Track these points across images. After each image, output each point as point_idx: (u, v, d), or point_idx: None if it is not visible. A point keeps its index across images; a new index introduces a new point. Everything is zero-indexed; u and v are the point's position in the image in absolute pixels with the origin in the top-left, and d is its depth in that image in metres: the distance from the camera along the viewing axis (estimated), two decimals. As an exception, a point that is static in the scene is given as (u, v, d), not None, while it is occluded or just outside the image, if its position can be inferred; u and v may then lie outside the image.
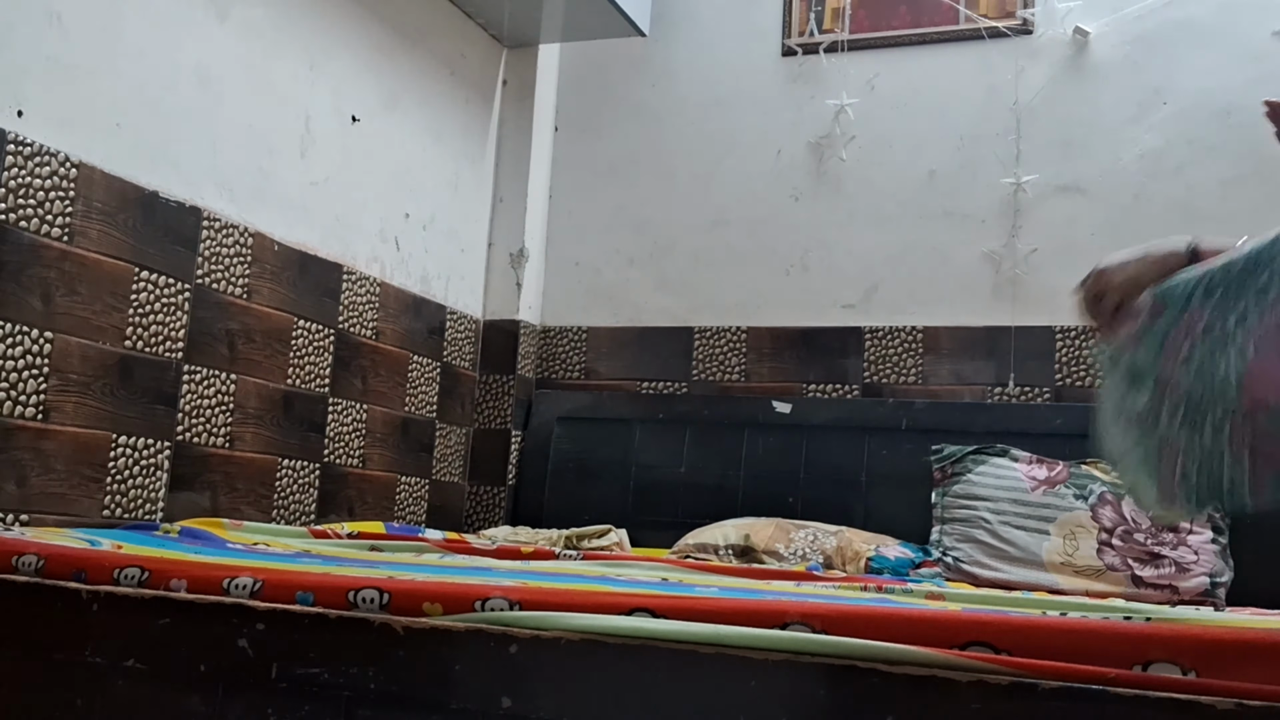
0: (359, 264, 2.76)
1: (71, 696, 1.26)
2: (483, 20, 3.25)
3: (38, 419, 1.92)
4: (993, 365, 2.96)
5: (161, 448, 2.17)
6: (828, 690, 1.01)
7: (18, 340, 1.89)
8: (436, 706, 1.13)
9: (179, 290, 2.21)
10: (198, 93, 2.27)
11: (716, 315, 3.26)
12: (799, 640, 1.04)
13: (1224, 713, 0.91)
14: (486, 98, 3.33)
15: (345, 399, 2.70)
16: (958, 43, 3.12)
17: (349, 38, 2.72)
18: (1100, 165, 2.97)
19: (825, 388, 3.09)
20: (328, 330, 2.64)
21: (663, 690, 1.06)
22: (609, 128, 3.46)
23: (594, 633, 1.09)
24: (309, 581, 1.25)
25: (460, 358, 3.20)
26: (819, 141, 3.22)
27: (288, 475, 2.51)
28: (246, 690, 1.20)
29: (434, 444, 3.07)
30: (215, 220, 2.31)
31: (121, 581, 1.30)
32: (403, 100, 2.93)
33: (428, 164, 3.05)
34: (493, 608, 1.15)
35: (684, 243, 3.32)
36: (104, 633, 1.26)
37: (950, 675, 0.98)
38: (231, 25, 2.35)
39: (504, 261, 3.33)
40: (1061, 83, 3.01)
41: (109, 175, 2.06)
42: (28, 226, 1.90)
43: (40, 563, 1.33)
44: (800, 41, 3.27)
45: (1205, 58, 2.90)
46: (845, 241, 3.16)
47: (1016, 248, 2.99)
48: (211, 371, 2.29)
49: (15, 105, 1.90)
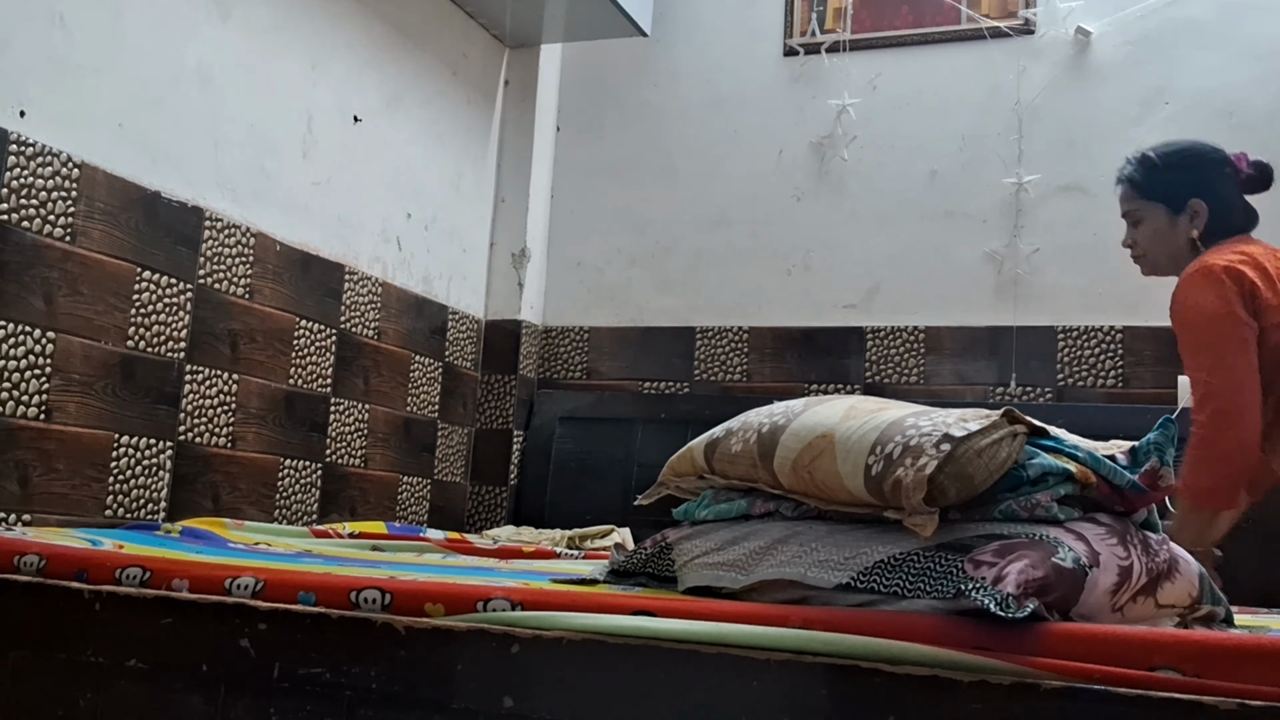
0: (361, 264, 2.76)
1: (73, 696, 1.26)
2: (485, 20, 3.25)
3: (40, 419, 1.92)
4: (995, 365, 2.96)
5: (164, 448, 2.17)
6: (829, 690, 1.01)
7: (20, 340, 1.89)
8: (438, 706, 1.13)
9: (181, 290, 2.21)
10: (200, 93, 2.27)
11: (718, 315, 3.26)
12: (801, 640, 1.04)
13: (1227, 713, 0.91)
14: (488, 98, 3.33)
15: (347, 399, 2.70)
16: (959, 43, 3.12)
17: (351, 38, 2.72)
18: (1102, 165, 2.96)
19: (827, 388, 3.09)
20: (330, 330, 2.64)
21: (664, 690, 1.06)
22: (611, 128, 3.46)
23: (596, 633, 1.09)
24: (311, 581, 1.25)
25: (462, 358, 3.20)
26: (821, 141, 3.22)
27: (290, 475, 2.51)
28: (248, 690, 1.20)
29: (436, 444, 3.07)
30: (217, 220, 2.31)
31: (123, 581, 1.30)
32: (405, 100, 2.93)
33: (430, 164, 3.05)
34: (494, 608, 1.15)
35: (686, 243, 3.32)
36: (106, 633, 1.26)
37: (952, 675, 0.98)
38: (233, 25, 2.35)
39: (506, 261, 3.33)
40: (1063, 83, 3.01)
41: (111, 175, 2.06)
42: (30, 227, 1.90)
43: (42, 562, 1.33)
44: (802, 41, 3.27)
45: (1207, 58, 2.90)
46: (847, 241, 3.16)
47: (1018, 248, 2.99)
48: (213, 371, 2.29)
49: (18, 105, 1.90)
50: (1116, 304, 2.90)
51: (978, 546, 1.12)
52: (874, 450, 1.19)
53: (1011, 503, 1.18)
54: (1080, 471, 1.22)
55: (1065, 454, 1.24)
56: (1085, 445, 1.27)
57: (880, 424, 1.23)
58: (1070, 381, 2.89)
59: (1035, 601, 1.03)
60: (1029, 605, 1.02)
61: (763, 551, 1.27)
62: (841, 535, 1.24)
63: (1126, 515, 1.29)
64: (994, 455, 1.17)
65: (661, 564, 1.39)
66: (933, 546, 1.15)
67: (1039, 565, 1.07)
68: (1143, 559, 1.23)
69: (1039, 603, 1.04)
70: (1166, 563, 1.28)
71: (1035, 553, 1.09)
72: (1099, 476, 1.24)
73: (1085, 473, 1.23)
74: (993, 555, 1.09)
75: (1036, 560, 1.08)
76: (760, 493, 1.38)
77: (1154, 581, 1.25)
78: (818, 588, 1.19)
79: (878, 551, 1.18)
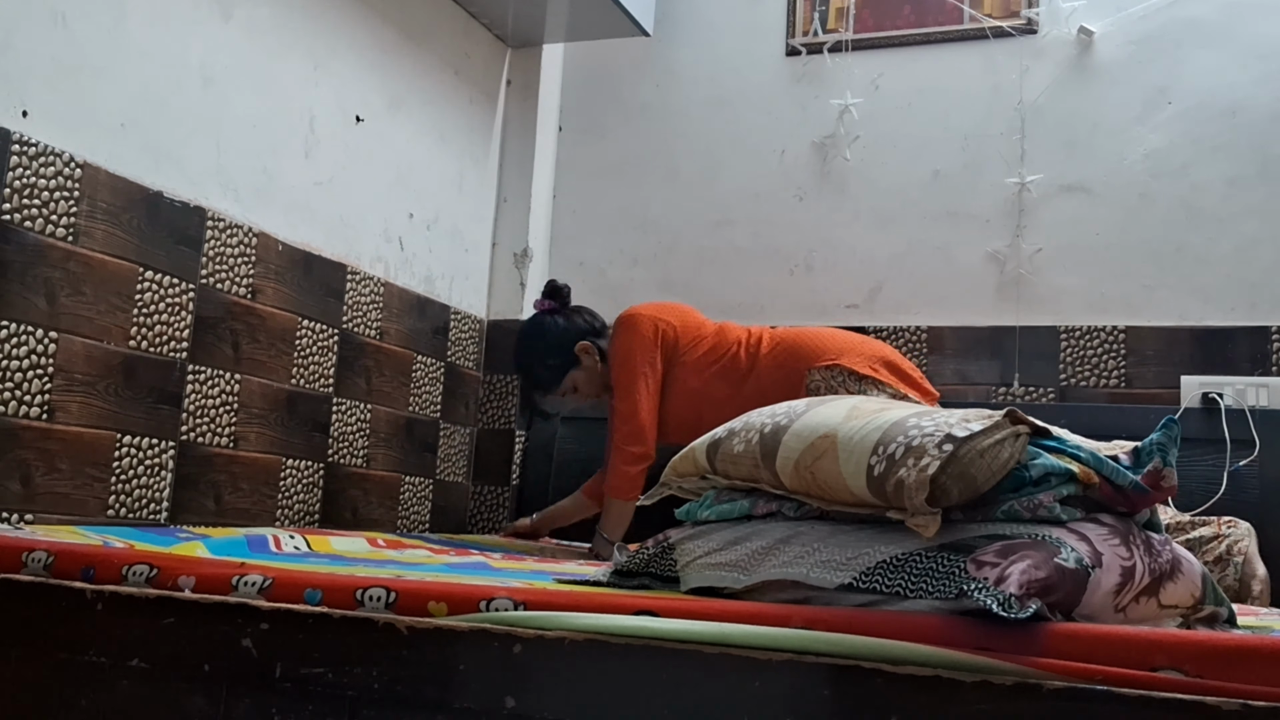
0: (363, 264, 2.76)
1: (75, 696, 1.26)
2: (487, 20, 3.25)
3: (43, 419, 1.92)
4: (997, 365, 2.96)
5: (166, 447, 2.18)
6: (832, 690, 1.01)
7: (23, 340, 1.89)
8: (440, 706, 1.13)
9: (183, 290, 2.22)
10: (202, 93, 2.28)
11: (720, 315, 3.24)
12: (803, 640, 1.04)
13: (1229, 713, 0.91)
14: (491, 97, 3.33)
15: (349, 399, 2.70)
16: (962, 42, 3.12)
17: (353, 37, 2.72)
18: (1105, 165, 2.96)
19: (829, 388, 3.08)
20: (332, 330, 2.64)
21: (667, 690, 1.06)
22: (613, 127, 3.45)
23: (598, 633, 1.09)
24: (318, 580, 1.25)
25: (464, 358, 3.20)
26: (823, 141, 3.22)
27: (292, 475, 2.51)
28: (250, 690, 1.19)
29: (438, 444, 3.07)
30: (219, 220, 2.31)
31: (130, 578, 1.30)
32: (407, 100, 2.93)
33: (432, 164, 3.05)
34: (497, 608, 1.15)
35: (688, 243, 3.32)
36: (108, 632, 1.26)
37: (955, 675, 0.98)
38: (236, 25, 2.35)
39: (508, 261, 3.33)
40: (1066, 82, 3.01)
41: (114, 175, 2.07)
42: (33, 227, 1.91)
43: (50, 559, 1.33)
44: (804, 41, 3.27)
45: (1210, 57, 2.90)
46: (849, 241, 3.16)
47: (1021, 248, 2.99)
48: (216, 371, 2.29)
49: (20, 106, 1.90)
50: (1119, 304, 2.90)
51: (980, 547, 1.12)
52: (876, 451, 1.20)
53: (1014, 503, 1.19)
54: (1083, 472, 1.22)
55: (1068, 454, 1.24)
56: (1088, 445, 1.27)
57: (883, 424, 1.23)
58: (1073, 381, 2.89)
59: (1038, 602, 1.03)
60: (1031, 606, 1.02)
61: (765, 552, 1.27)
62: (844, 535, 1.24)
63: (1129, 516, 1.29)
64: (996, 456, 1.17)
65: (664, 564, 1.40)
66: (935, 547, 1.15)
67: (1042, 566, 1.07)
68: (1145, 559, 1.23)
69: (1041, 603, 1.04)
70: (1169, 563, 1.28)
71: (1038, 553, 1.09)
72: (1101, 477, 1.24)
73: (1088, 473, 1.23)
74: (995, 555, 1.09)
75: (1039, 561, 1.08)
76: (762, 493, 1.38)
77: (1157, 582, 1.25)
78: (820, 588, 1.19)
79: (880, 552, 1.18)
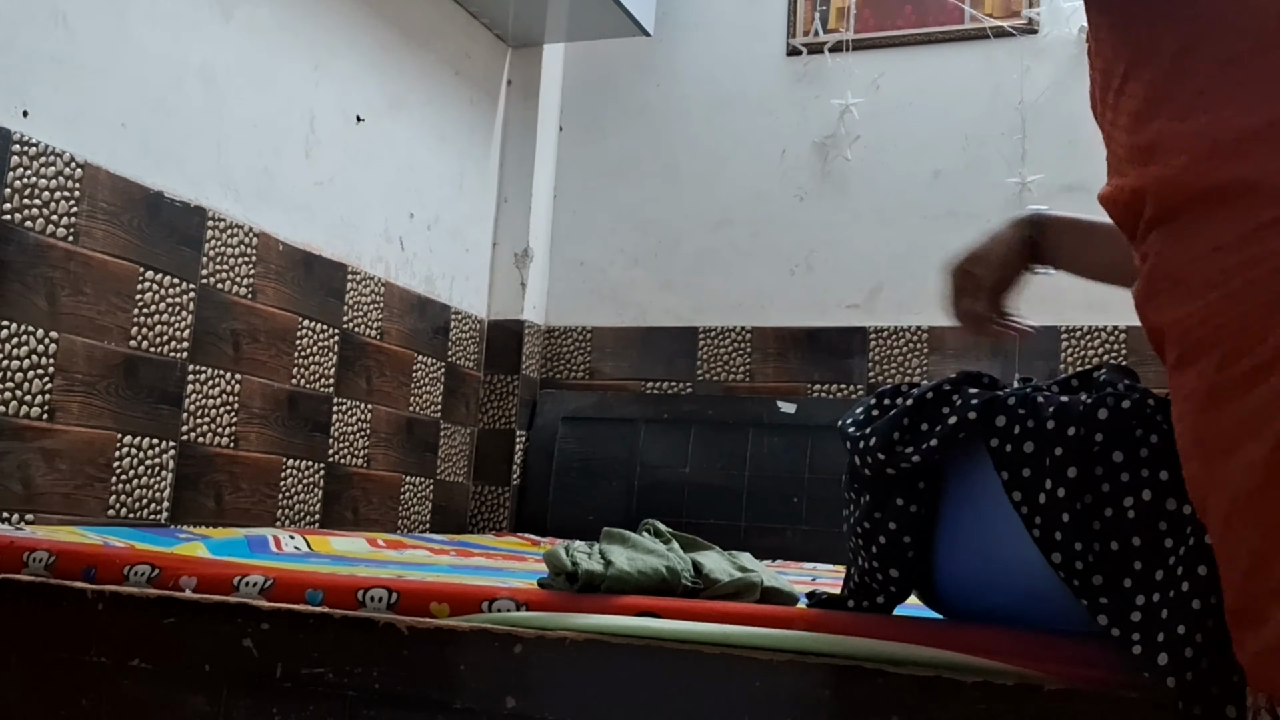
0: (363, 264, 2.76)
1: (75, 696, 1.26)
2: (487, 20, 3.25)
3: (43, 419, 1.92)
4: (998, 365, 2.95)
5: (166, 447, 2.18)
6: (833, 691, 1.01)
7: (23, 340, 1.89)
8: (441, 707, 1.13)
9: (184, 290, 2.22)
10: (203, 93, 2.28)
11: (721, 315, 3.26)
12: (804, 640, 1.04)
13: (1231, 714, 0.90)
14: (491, 97, 3.33)
15: (350, 399, 2.70)
16: (963, 42, 3.12)
17: (354, 37, 2.72)
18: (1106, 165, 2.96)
19: (830, 388, 3.09)
20: (332, 330, 2.64)
21: (668, 691, 1.06)
22: (614, 127, 3.45)
23: (599, 633, 1.09)
24: (319, 580, 1.25)
25: (465, 358, 3.20)
26: (824, 141, 3.22)
27: (292, 475, 2.51)
28: (251, 690, 1.19)
29: (438, 444, 3.07)
30: (220, 220, 2.31)
31: (131, 578, 1.30)
32: (407, 100, 2.93)
33: (432, 164, 3.05)
34: (499, 608, 1.15)
35: (689, 242, 3.32)
36: (108, 632, 1.26)
37: (955, 676, 0.98)
38: (236, 25, 2.35)
39: (508, 261, 3.33)
40: (1067, 82, 3.00)
41: (114, 175, 2.07)
42: (33, 226, 1.91)
43: (51, 559, 1.33)
44: (805, 41, 3.27)
45: (1211, 57, 2.89)
46: (850, 241, 3.16)
47: (1022, 247, 2.98)
48: (216, 371, 2.29)
49: (20, 105, 1.90)
50: (1120, 304, 2.88)
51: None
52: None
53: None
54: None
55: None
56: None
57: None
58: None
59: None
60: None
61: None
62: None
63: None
64: None
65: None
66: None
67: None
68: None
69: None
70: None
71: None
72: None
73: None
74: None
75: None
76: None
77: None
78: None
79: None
